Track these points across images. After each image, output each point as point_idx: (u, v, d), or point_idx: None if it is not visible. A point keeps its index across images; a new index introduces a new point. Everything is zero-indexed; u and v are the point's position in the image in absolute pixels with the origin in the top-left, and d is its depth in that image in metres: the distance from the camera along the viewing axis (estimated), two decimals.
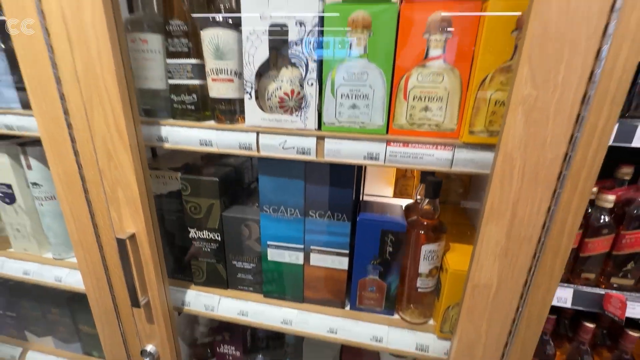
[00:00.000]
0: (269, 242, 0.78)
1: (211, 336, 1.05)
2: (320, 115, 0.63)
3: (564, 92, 0.44)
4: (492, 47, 0.52)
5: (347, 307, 0.82)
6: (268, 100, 0.65)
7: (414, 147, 0.60)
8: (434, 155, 0.59)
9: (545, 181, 0.49)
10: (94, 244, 0.73)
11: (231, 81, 0.65)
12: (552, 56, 0.43)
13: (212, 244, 0.82)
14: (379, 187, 1.40)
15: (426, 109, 0.59)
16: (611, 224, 0.78)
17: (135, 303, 0.74)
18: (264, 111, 0.64)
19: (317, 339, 0.79)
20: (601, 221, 0.79)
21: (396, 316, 0.80)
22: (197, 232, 0.81)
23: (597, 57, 0.42)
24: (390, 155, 0.61)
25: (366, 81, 0.59)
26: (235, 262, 0.83)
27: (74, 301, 1.07)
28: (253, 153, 0.67)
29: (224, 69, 0.64)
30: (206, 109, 0.71)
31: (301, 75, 0.61)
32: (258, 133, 0.65)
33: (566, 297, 0.84)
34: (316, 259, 0.77)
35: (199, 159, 0.94)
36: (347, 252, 0.76)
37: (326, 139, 0.63)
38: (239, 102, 0.67)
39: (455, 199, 1.03)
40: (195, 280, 0.88)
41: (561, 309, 1.02)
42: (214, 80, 0.65)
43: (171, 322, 0.82)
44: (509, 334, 0.60)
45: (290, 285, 0.82)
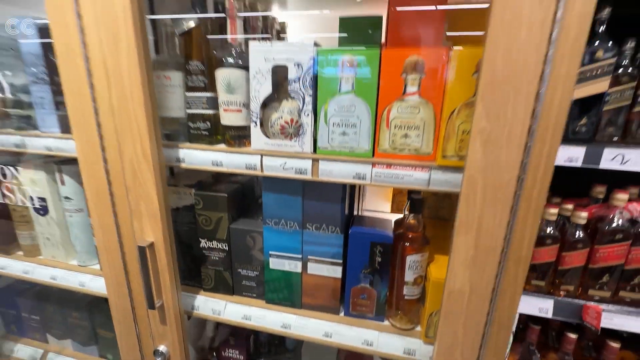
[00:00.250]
0: (270, 252, 0.87)
1: (217, 341, 1.13)
2: (315, 140, 0.73)
3: (512, 125, 0.53)
4: (457, 85, 0.61)
5: (342, 313, 0.89)
6: (271, 127, 0.75)
7: (396, 168, 0.69)
8: (413, 176, 0.68)
9: (504, 199, 0.57)
10: (118, 251, 0.83)
11: (240, 111, 0.76)
12: (501, 97, 0.52)
13: (220, 253, 0.91)
14: (378, 203, 1.48)
15: (406, 136, 0.68)
16: (586, 239, 0.85)
17: (151, 305, 0.83)
18: (267, 137, 0.75)
19: (315, 344, 0.86)
20: (576, 236, 0.85)
21: (386, 322, 0.87)
22: (207, 242, 0.91)
23: (537, 97, 0.51)
24: (375, 176, 0.70)
25: (354, 112, 0.69)
26: (241, 270, 0.92)
27: (93, 306, 1.17)
28: (258, 173, 0.77)
29: (234, 101, 0.75)
30: (218, 134, 0.82)
31: (299, 107, 0.71)
32: (262, 155, 0.76)
33: (547, 308, 0.89)
34: (313, 268, 0.86)
35: (210, 177, 1.05)
36: (341, 261, 0.84)
37: (320, 161, 0.73)
38: (246, 129, 0.78)
39: (445, 215, 1.10)
40: (204, 286, 0.96)
41: (549, 321, 1.07)
42: (225, 110, 0.77)
43: (182, 325, 0.91)
44: (482, 336, 0.66)
45: (290, 292, 0.90)
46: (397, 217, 0.92)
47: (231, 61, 0.73)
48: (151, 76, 0.72)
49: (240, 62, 0.74)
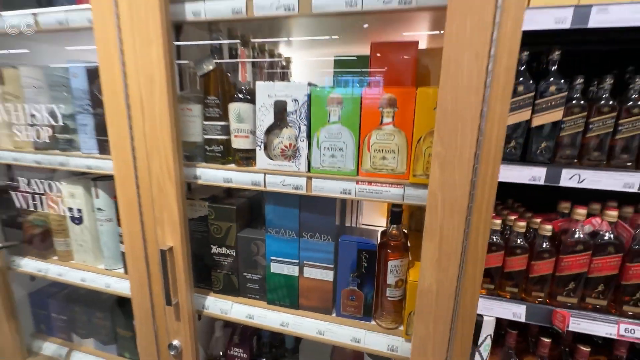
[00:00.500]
0: (272, 257, 1.00)
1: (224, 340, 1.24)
2: (309, 161, 0.87)
3: (462, 151, 0.66)
4: (422, 117, 0.75)
5: (334, 314, 1.00)
6: (273, 150, 0.90)
7: (376, 185, 0.82)
8: (390, 192, 0.82)
9: (459, 211, 0.69)
10: (142, 254, 0.98)
11: (248, 137, 0.92)
12: (452, 128, 0.66)
13: (228, 259, 1.05)
14: (375, 218, 1.60)
15: (384, 158, 0.82)
16: (551, 250, 0.95)
17: (168, 302, 0.97)
18: (270, 158, 0.90)
19: (311, 345, 0.97)
20: (543, 247, 0.96)
21: (373, 322, 0.97)
22: (217, 248, 1.05)
23: (479, 129, 0.64)
24: (359, 191, 0.84)
25: (341, 139, 0.83)
26: (246, 274, 1.05)
27: (115, 307, 1.31)
28: (261, 188, 0.91)
29: (243, 129, 0.91)
30: (229, 155, 0.97)
31: (296, 134, 0.86)
32: (265, 174, 0.90)
33: (521, 313, 0.98)
34: (308, 272, 0.98)
35: (222, 192, 1.20)
36: (333, 266, 0.96)
37: (313, 179, 0.87)
38: (252, 152, 0.93)
39: None
40: (213, 288, 1.09)
41: (529, 327, 1.15)
42: (235, 136, 0.92)
43: (194, 323, 1.03)
44: (450, 330, 0.77)
45: (288, 294, 1.02)
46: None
47: (241, 97, 0.90)
48: (177, 108, 0.89)
49: (248, 97, 0.90)
